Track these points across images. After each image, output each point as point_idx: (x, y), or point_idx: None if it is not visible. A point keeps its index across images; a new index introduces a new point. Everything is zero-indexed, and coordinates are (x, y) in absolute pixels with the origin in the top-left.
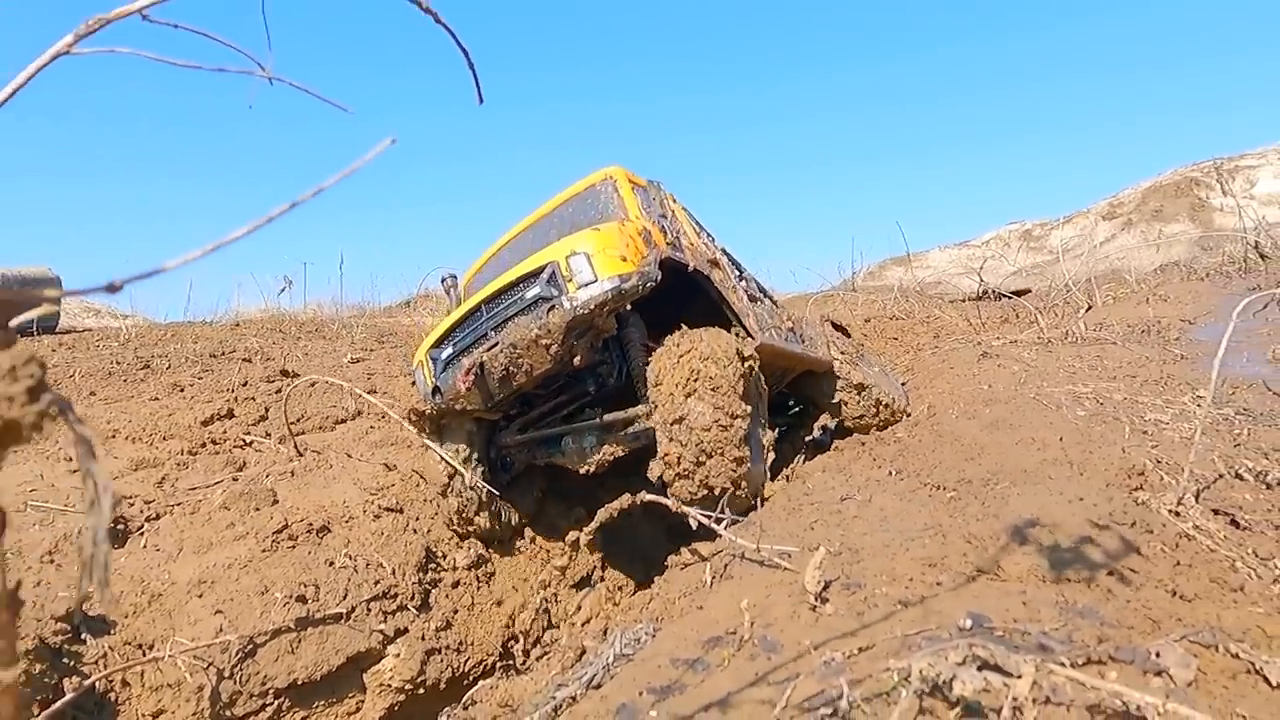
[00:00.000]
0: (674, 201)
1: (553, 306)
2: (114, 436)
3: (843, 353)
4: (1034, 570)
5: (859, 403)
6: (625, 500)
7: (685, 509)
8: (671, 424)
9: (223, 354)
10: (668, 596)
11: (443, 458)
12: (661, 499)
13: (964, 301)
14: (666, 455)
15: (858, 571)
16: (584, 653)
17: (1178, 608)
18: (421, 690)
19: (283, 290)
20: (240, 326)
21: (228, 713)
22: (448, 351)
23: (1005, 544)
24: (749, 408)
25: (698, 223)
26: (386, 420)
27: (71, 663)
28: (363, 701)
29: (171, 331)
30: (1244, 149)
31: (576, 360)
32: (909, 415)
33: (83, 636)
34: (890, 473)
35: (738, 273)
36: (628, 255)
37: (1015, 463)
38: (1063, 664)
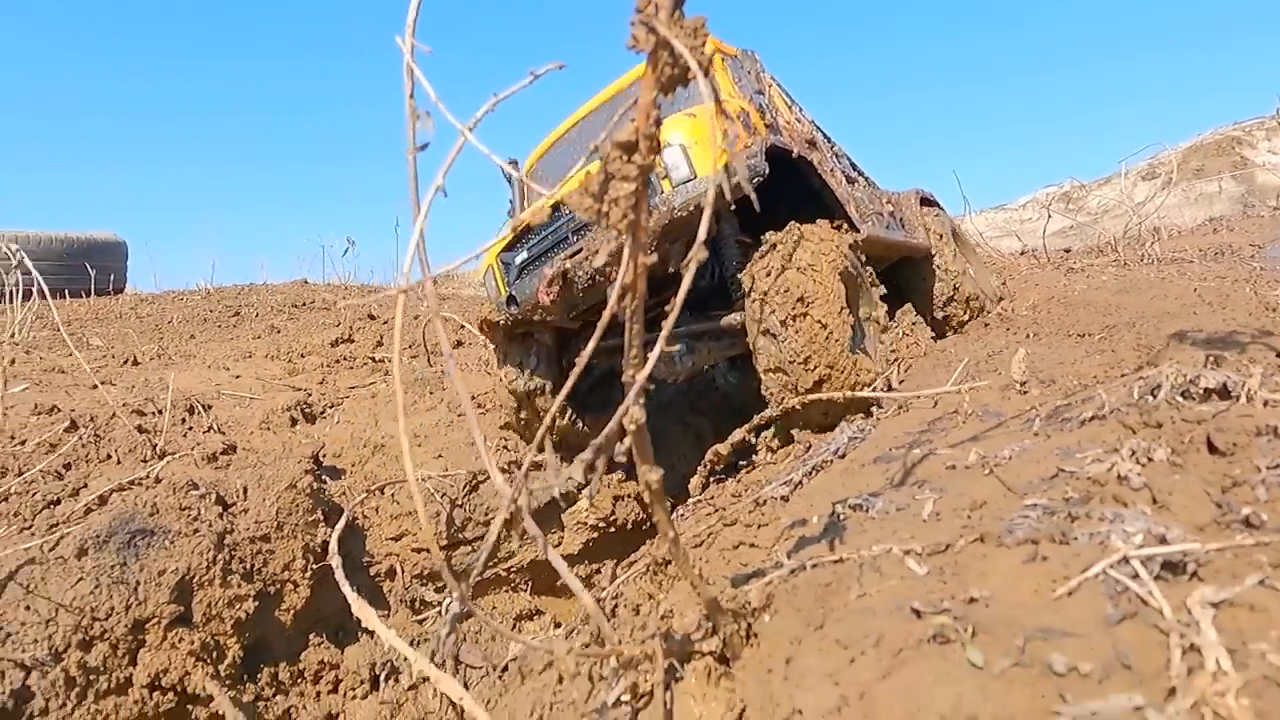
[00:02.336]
0: (766, 74)
1: None
2: (250, 356)
3: (939, 237)
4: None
5: (954, 291)
6: None
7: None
8: (768, 335)
9: (303, 304)
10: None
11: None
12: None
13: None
14: (765, 368)
15: (1045, 376)
16: (810, 446)
17: None
18: (612, 529)
19: (346, 251)
20: (309, 285)
21: (459, 535)
22: (522, 256)
23: (1176, 346)
24: (850, 307)
25: (789, 96)
26: (488, 346)
27: (323, 495)
28: (564, 537)
29: (244, 289)
30: None
31: (670, 267)
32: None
33: (323, 479)
34: (1028, 335)
35: (833, 152)
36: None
37: (1156, 309)
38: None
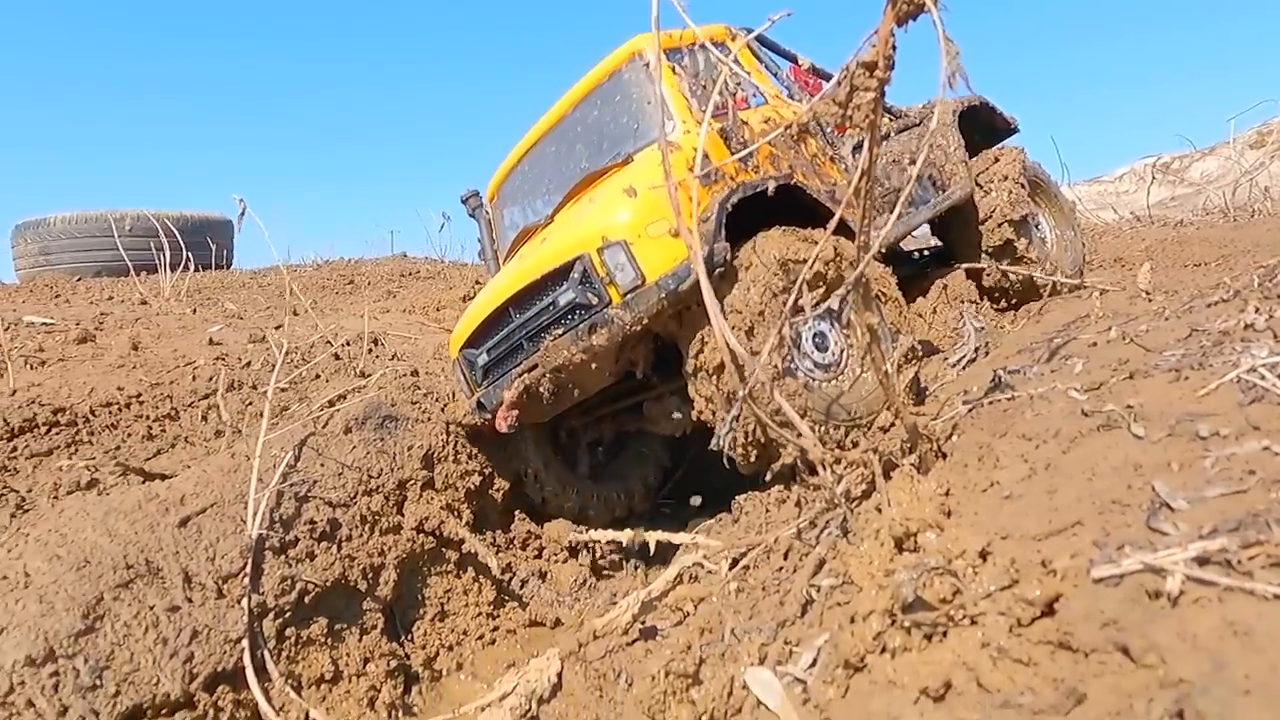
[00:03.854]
0: (744, 49)
1: (594, 325)
2: (388, 311)
3: (1004, 180)
4: None
5: (1011, 254)
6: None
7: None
8: (697, 383)
9: (409, 274)
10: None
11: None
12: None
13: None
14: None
15: (1167, 287)
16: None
17: None
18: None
19: (442, 227)
20: (409, 258)
21: None
22: (483, 359)
23: None
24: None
25: (773, 65)
26: None
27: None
28: None
29: (351, 262)
30: None
31: (638, 372)
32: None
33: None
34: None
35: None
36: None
37: (1271, 240)
38: None
